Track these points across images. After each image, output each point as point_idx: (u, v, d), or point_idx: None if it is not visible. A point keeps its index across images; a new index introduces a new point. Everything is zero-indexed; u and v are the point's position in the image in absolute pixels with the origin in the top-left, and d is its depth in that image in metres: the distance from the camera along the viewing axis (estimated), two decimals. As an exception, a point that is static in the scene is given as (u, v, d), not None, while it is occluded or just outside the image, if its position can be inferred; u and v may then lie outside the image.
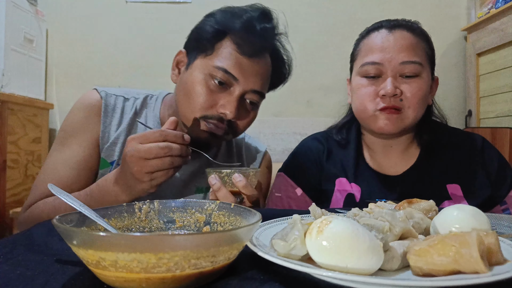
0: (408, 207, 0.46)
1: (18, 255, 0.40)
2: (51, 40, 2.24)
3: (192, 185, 0.83)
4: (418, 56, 0.77)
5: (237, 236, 0.33)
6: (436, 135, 0.85)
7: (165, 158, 0.58)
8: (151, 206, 0.46)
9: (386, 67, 0.77)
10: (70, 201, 0.39)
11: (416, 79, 0.77)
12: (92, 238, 0.30)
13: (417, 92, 0.77)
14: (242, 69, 0.71)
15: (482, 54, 2.09)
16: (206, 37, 0.73)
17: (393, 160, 0.86)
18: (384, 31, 0.80)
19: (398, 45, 0.77)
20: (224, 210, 0.45)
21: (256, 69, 0.73)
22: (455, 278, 0.30)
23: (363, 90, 0.80)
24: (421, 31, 0.82)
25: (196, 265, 0.30)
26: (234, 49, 0.71)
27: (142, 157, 0.57)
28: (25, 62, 2.00)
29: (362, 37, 0.85)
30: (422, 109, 0.80)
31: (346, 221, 0.32)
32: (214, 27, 0.73)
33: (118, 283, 0.31)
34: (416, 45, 0.78)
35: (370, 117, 0.79)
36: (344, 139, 0.89)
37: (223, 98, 0.71)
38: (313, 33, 2.30)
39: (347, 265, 0.30)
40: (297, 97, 2.25)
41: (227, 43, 0.72)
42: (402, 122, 0.78)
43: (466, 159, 0.83)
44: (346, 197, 0.83)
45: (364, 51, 0.82)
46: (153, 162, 0.57)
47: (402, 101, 0.76)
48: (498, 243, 0.34)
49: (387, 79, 0.76)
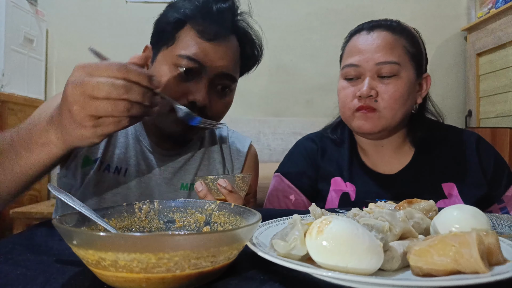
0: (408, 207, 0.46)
1: (18, 255, 0.40)
2: (51, 40, 2.25)
3: (176, 181, 0.81)
4: (395, 55, 0.77)
5: (237, 236, 0.33)
6: (430, 133, 0.85)
7: (119, 102, 0.44)
8: (151, 206, 0.46)
9: (364, 68, 0.78)
10: (70, 201, 0.39)
11: (393, 79, 0.77)
12: (92, 238, 0.30)
13: (394, 92, 0.77)
14: (206, 54, 0.69)
15: (482, 54, 2.09)
16: (166, 28, 0.73)
17: (386, 159, 0.86)
18: (364, 32, 0.82)
19: (375, 46, 0.78)
20: (224, 210, 0.45)
21: (221, 52, 0.71)
22: (455, 278, 0.30)
23: (343, 91, 0.82)
24: (401, 29, 0.81)
25: (196, 265, 0.30)
26: (195, 35, 0.70)
27: (88, 93, 0.44)
28: (25, 62, 2.00)
29: (347, 40, 0.87)
30: (402, 108, 0.79)
31: (346, 221, 0.32)
32: (174, 16, 0.72)
33: (118, 283, 0.31)
34: (393, 44, 0.78)
35: (349, 117, 0.82)
36: (339, 138, 0.90)
37: (191, 86, 0.70)
38: (313, 33, 2.30)
39: (347, 265, 0.30)
40: (297, 97, 2.25)
41: (187, 31, 0.71)
42: (379, 121, 0.78)
43: (462, 157, 0.83)
44: (341, 196, 0.84)
45: (346, 54, 0.84)
46: (102, 104, 0.44)
47: (378, 102, 0.77)
48: (498, 243, 0.34)
49: (365, 80, 0.78)
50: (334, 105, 0.92)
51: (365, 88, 0.76)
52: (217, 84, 0.73)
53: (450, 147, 0.85)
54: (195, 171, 0.82)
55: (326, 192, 0.85)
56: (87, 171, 0.74)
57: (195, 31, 0.70)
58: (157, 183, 0.78)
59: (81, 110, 0.45)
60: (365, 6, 2.29)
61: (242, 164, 0.88)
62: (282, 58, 2.23)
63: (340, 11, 2.29)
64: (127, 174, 0.76)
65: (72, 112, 0.45)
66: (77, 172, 0.75)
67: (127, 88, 0.45)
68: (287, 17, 2.28)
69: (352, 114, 0.80)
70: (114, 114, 0.45)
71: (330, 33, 2.27)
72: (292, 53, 2.26)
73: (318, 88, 2.25)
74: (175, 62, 0.69)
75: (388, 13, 2.37)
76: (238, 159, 0.88)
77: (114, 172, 0.75)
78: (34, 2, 2.05)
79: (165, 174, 0.80)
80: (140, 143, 0.79)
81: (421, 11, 2.29)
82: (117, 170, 0.76)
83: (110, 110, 0.44)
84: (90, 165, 0.74)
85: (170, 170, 0.80)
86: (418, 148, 0.85)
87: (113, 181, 0.75)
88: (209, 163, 0.85)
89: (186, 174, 0.81)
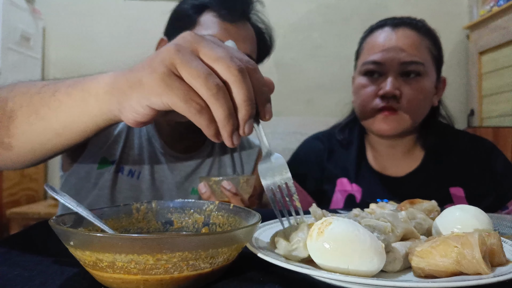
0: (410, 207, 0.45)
1: (16, 256, 0.40)
2: (48, 39, 2.24)
3: (188, 185, 0.81)
4: (420, 56, 0.76)
5: (236, 237, 0.33)
6: (442, 138, 0.84)
7: (210, 92, 0.32)
8: (149, 206, 0.45)
9: (387, 67, 0.76)
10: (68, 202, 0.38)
11: (417, 80, 0.76)
12: (89, 239, 0.30)
13: (418, 93, 0.75)
14: (228, 35, 0.71)
15: (484, 52, 2.08)
16: (187, 14, 0.74)
17: (397, 162, 0.85)
18: (387, 29, 0.79)
19: (400, 44, 0.75)
20: (223, 211, 0.45)
21: (243, 33, 0.73)
22: (457, 279, 0.30)
23: (363, 89, 0.80)
24: (426, 29, 0.80)
25: (195, 266, 0.30)
26: (216, 17, 0.72)
27: (184, 63, 0.32)
28: (21, 61, 2.00)
29: (366, 35, 0.84)
30: (423, 111, 0.79)
31: (347, 222, 0.32)
32: (194, 3, 0.75)
33: (116, 284, 0.30)
34: (419, 44, 0.76)
35: (369, 117, 0.79)
36: (346, 139, 0.89)
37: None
38: (313, 32, 2.29)
39: (348, 266, 0.30)
40: (297, 96, 2.24)
41: (208, 15, 0.73)
42: (399, 124, 0.77)
43: (472, 164, 0.82)
44: (347, 198, 0.83)
45: (366, 49, 0.81)
46: (197, 71, 0.32)
47: (400, 103, 0.75)
48: (501, 244, 0.33)
49: (387, 78, 0.75)
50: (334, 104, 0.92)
51: (390, 88, 0.73)
52: None
53: (461, 153, 0.83)
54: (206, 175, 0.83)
55: (332, 193, 0.84)
56: (103, 173, 0.74)
57: (216, 14, 0.72)
58: (168, 188, 0.78)
59: (163, 71, 0.33)
60: (366, 4, 2.28)
61: (252, 168, 0.89)
62: (283, 56, 2.22)
63: (341, 9, 2.28)
64: (140, 177, 0.76)
65: (152, 66, 0.33)
66: (92, 172, 0.74)
67: (224, 91, 0.33)
68: (288, 15, 2.28)
69: (373, 114, 0.78)
70: (189, 97, 0.32)
71: (331, 31, 2.26)
72: (293, 52, 2.26)
73: (319, 87, 2.24)
74: None
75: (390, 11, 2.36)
76: (248, 163, 0.89)
77: (128, 175, 0.76)
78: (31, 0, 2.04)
79: (177, 178, 0.80)
80: (152, 145, 0.80)
81: (422, 9, 2.28)
82: (131, 173, 0.76)
83: (198, 86, 0.32)
84: (107, 167, 0.74)
85: (182, 174, 0.81)
86: (428, 151, 0.84)
87: (127, 184, 0.75)
88: (219, 167, 0.86)
89: (197, 179, 0.81)
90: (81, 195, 0.74)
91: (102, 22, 2.23)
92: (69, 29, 2.23)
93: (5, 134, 0.44)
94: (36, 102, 0.42)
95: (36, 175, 2.08)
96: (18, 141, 0.44)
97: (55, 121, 0.42)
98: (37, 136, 0.43)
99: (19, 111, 0.43)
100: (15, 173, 1.89)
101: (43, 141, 0.44)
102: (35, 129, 0.43)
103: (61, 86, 0.42)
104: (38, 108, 0.42)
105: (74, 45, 2.22)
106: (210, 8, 0.73)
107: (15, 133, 0.44)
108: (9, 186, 1.84)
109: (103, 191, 0.73)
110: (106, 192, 0.73)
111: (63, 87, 0.41)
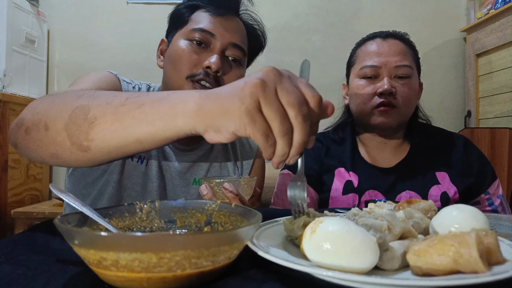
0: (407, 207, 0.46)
1: (20, 255, 0.40)
2: (53, 41, 2.25)
3: (189, 176, 0.85)
4: (408, 60, 0.91)
5: (238, 236, 0.33)
6: (424, 133, 0.98)
7: (281, 134, 0.38)
8: (152, 206, 0.46)
9: (383, 69, 0.90)
10: (72, 201, 0.39)
11: (407, 80, 0.90)
12: (94, 238, 0.31)
13: (409, 91, 0.90)
14: (217, 26, 0.77)
15: (481, 54, 2.09)
16: (181, 13, 0.81)
17: (386, 156, 0.97)
18: (378, 39, 0.94)
19: (392, 51, 0.90)
20: (225, 210, 0.45)
21: (231, 25, 0.79)
22: (455, 278, 0.30)
23: (363, 89, 0.91)
24: (409, 41, 0.96)
25: (197, 264, 0.31)
26: (206, 14, 0.78)
27: (267, 103, 0.37)
28: (26, 63, 2.00)
29: (359, 45, 0.98)
30: (413, 106, 0.94)
31: (338, 220, 0.33)
32: (188, 4, 0.81)
33: (119, 282, 0.31)
34: (406, 51, 0.92)
35: (368, 114, 0.91)
36: (340, 137, 1.00)
37: (205, 55, 0.76)
38: (312, 34, 2.30)
39: (341, 262, 0.31)
40: (297, 98, 2.25)
41: (199, 12, 0.79)
42: (396, 117, 0.90)
43: (451, 153, 0.95)
44: (345, 184, 0.93)
45: (362, 56, 0.94)
46: (268, 119, 0.37)
47: (396, 99, 0.89)
48: (498, 243, 0.34)
49: (383, 79, 0.89)
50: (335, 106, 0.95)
51: (388, 85, 0.87)
52: (229, 55, 0.78)
53: (440, 144, 0.96)
54: (208, 167, 0.87)
55: (331, 181, 0.94)
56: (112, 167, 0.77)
57: (206, 11, 0.79)
58: (171, 176, 0.83)
59: (259, 94, 0.37)
60: (364, 7, 2.30)
61: (250, 165, 0.93)
62: (283, 59, 2.23)
63: (340, 12, 2.29)
64: (149, 164, 0.80)
65: (244, 91, 0.37)
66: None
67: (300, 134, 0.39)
68: (287, 18, 2.29)
69: (371, 110, 0.90)
70: (269, 131, 0.38)
71: (330, 34, 2.28)
72: (292, 54, 2.27)
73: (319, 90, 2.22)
74: (189, 37, 0.77)
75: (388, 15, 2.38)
76: (247, 160, 0.93)
77: (137, 161, 0.80)
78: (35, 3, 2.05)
79: (180, 168, 0.84)
80: None
81: (420, 12, 2.29)
82: (140, 159, 0.80)
83: (274, 126, 0.38)
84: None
85: (185, 165, 0.85)
86: (413, 145, 0.97)
87: (136, 170, 0.79)
88: (220, 161, 0.90)
89: (199, 170, 0.86)
90: (89, 181, 0.78)
91: (106, 24, 2.23)
92: (73, 31, 2.23)
93: (84, 138, 0.46)
94: (121, 112, 0.44)
95: (41, 175, 2.08)
96: (97, 145, 0.46)
97: (139, 131, 0.44)
98: (117, 141, 0.45)
99: (102, 118, 0.45)
100: (20, 173, 1.89)
101: (122, 146, 0.46)
102: (116, 136, 0.45)
103: (146, 100, 0.44)
104: (123, 118, 0.44)
105: (78, 47, 2.23)
106: (202, 7, 0.80)
107: (94, 138, 0.46)
108: (13, 186, 1.84)
109: (111, 176, 0.77)
110: (114, 177, 0.77)
111: (148, 102, 0.44)
